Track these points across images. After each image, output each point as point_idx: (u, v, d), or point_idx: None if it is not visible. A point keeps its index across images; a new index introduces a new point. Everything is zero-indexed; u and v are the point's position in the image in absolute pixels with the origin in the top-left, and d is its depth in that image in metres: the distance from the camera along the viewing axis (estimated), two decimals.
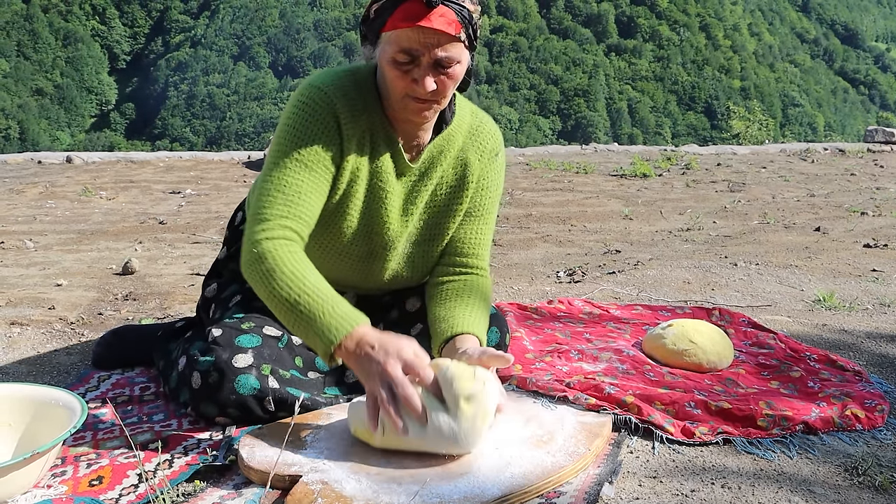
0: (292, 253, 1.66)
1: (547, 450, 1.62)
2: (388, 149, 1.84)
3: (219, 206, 6.30)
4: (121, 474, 1.59)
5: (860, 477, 1.63)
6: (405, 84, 1.68)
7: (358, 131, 1.79)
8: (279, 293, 1.62)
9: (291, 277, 1.62)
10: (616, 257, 4.09)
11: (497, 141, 1.97)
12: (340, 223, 1.84)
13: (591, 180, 7.94)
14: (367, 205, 1.85)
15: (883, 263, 3.87)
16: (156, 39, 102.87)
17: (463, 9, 1.64)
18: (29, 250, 4.40)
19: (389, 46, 1.66)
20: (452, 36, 1.64)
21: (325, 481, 1.49)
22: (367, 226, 1.87)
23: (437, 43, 1.63)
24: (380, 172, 1.84)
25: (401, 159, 1.85)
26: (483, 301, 1.92)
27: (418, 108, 1.72)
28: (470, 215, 1.96)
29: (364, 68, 1.82)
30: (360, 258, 1.91)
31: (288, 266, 1.63)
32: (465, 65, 1.71)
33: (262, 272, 1.64)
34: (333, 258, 1.90)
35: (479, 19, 1.71)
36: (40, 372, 2.28)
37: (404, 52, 1.64)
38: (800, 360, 2.29)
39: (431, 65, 1.66)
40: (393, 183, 1.86)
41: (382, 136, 1.82)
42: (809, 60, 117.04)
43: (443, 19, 1.61)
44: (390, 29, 1.64)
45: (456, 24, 1.63)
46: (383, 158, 1.83)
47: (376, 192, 1.85)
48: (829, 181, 7.90)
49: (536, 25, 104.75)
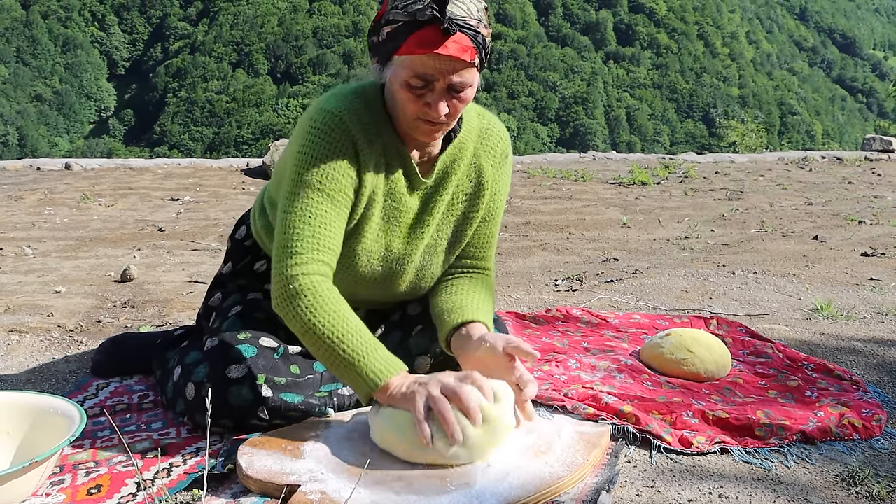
0: (330, 290, 1.68)
1: (545, 460, 1.62)
2: (401, 167, 1.83)
3: (217, 214, 6.30)
4: (119, 483, 1.59)
5: (857, 486, 1.64)
6: (417, 107, 1.68)
7: (374, 155, 1.78)
8: (320, 331, 1.63)
9: (333, 316, 1.64)
10: (614, 266, 4.10)
11: (506, 143, 1.98)
12: (356, 246, 1.83)
13: (589, 188, 7.95)
14: (383, 225, 1.85)
15: (880, 272, 3.88)
16: (155, 46, 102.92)
17: (478, 34, 1.64)
18: (27, 257, 4.41)
19: (403, 70, 1.65)
20: (467, 62, 1.64)
21: (323, 491, 1.49)
22: (384, 245, 1.87)
23: (452, 69, 1.63)
24: (394, 192, 1.84)
25: (414, 176, 1.85)
26: (489, 296, 1.95)
27: (429, 129, 1.72)
28: (484, 220, 1.97)
29: (370, 87, 1.81)
30: (378, 276, 1.91)
31: (329, 304, 1.65)
32: (475, 87, 1.72)
33: (302, 308, 1.65)
34: (350, 278, 1.89)
35: (491, 42, 1.71)
36: (39, 380, 2.28)
37: (419, 77, 1.64)
38: (797, 370, 2.30)
39: (445, 90, 1.66)
40: (407, 200, 1.86)
41: (395, 156, 1.82)
42: (807, 68, 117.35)
43: (458, 46, 1.61)
44: (405, 53, 1.63)
45: (471, 51, 1.64)
46: (397, 178, 1.83)
47: (391, 212, 1.85)
48: (827, 189, 7.91)
49: (535, 33, 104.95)
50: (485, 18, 1.68)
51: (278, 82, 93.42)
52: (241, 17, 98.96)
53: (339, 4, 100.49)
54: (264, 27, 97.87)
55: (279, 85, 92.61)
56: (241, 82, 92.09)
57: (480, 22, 1.66)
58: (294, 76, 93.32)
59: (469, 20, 1.62)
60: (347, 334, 1.63)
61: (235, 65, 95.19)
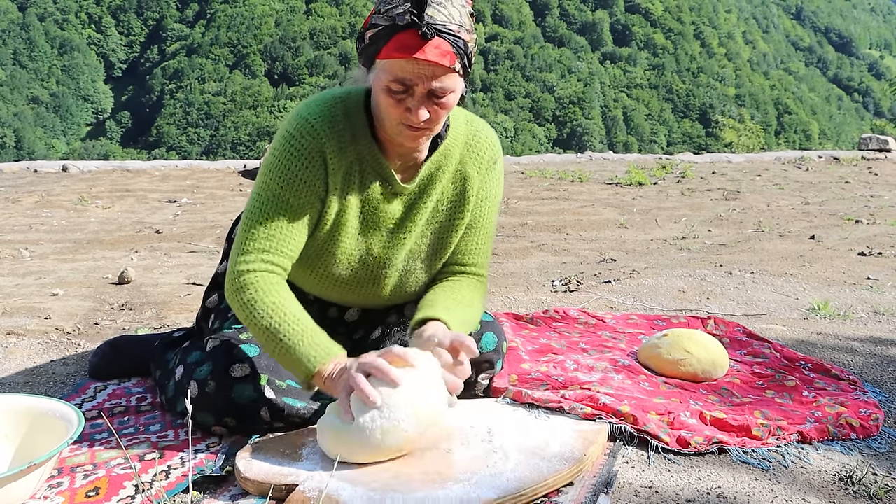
0: (272, 284, 1.75)
1: (542, 455, 1.64)
2: (377, 175, 1.84)
3: (215, 216, 6.30)
4: (117, 485, 1.59)
5: (855, 486, 1.64)
6: (399, 112, 1.68)
7: (345, 163, 1.80)
8: (260, 322, 1.71)
9: (272, 307, 1.71)
10: (611, 266, 4.10)
11: (495, 149, 1.97)
12: (334, 249, 1.86)
13: (586, 189, 7.96)
14: (362, 229, 1.87)
15: (877, 271, 3.88)
16: (151, 48, 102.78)
17: (458, 39, 1.64)
18: (25, 259, 4.40)
19: (384, 74, 1.66)
20: (447, 67, 1.64)
21: (321, 490, 1.49)
22: (364, 249, 1.88)
23: (431, 75, 1.63)
24: (370, 199, 1.85)
25: (393, 182, 1.85)
26: (472, 297, 1.94)
27: (412, 135, 1.72)
28: (470, 227, 1.96)
29: (355, 93, 1.82)
30: (360, 279, 1.93)
31: (269, 297, 1.72)
32: (458, 93, 1.72)
33: (244, 302, 1.73)
34: (333, 283, 1.92)
35: (474, 47, 1.70)
36: (36, 382, 2.28)
37: (398, 81, 1.64)
38: (795, 369, 2.30)
39: (425, 95, 1.66)
40: (385, 207, 1.86)
41: (371, 163, 1.83)
42: (804, 68, 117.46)
43: (437, 51, 1.61)
44: (385, 57, 1.64)
45: (451, 56, 1.63)
46: (373, 185, 1.84)
47: (369, 217, 1.86)
48: (824, 189, 7.92)
49: (531, 34, 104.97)
50: (468, 24, 1.67)
51: (275, 84, 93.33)
52: (238, 18, 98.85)
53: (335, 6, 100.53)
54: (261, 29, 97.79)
55: (276, 87, 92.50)
56: (238, 84, 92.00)
57: (462, 27, 1.65)
58: (291, 78, 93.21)
59: (449, 25, 1.62)
60: (285, 323, 1.69)
61: (232, 66, 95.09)
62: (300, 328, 1.69)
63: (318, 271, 1.89)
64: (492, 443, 1.71)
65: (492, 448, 1.68)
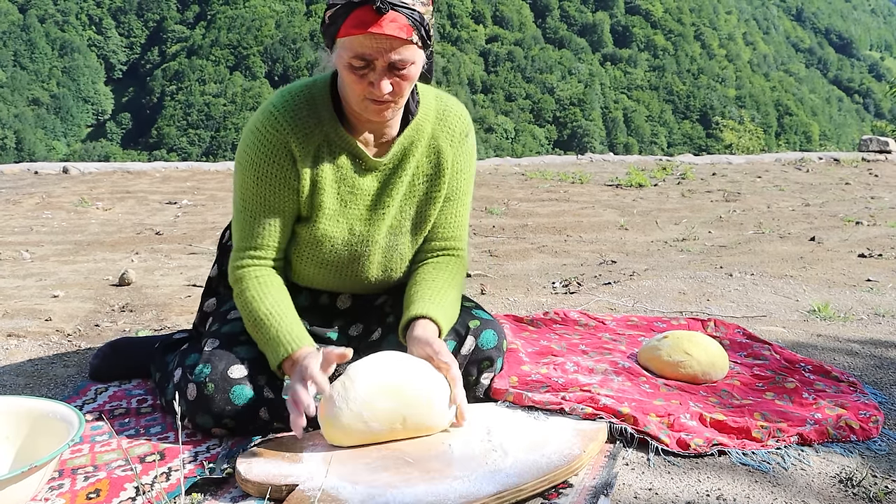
0: (258, 277, 1.90)
1: (542, 452, 1.66)
2: (346, 152, 1.90)
3: (215, 217, 6.30)
4: (118, 487, 1.60)
5: (854, 488, 1.64)
6: (362, 87, 1.74)
7: (311, 148, 1.87)
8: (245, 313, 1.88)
9: (258, 299, 1.86)
10: (612, 268, 4.10)
11: (465, 122, 2.02)
12: (316, 232, 1.92)
13: (586, 190, 7.96)
14: (341, 209, 1.92)
15: (877, 273, 3.88)
16: (152, 49, 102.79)
17: (414, 12, 1.69)
18: (25, 261, 4.40)
19: (344, 52, 1.72)
20: (405, 40, 1.69)
21: (321, 488, 1.50)
22: (346, 228, 1.93)
23: (389, 48, 1.69)
24: (345, 178, 1.91)
25: (364, 157, 1.90)
26: (453, 278, 1.99)
27: (377, 109, 1.78)
28: (448, 199, 2.02)
29: (322, 79, 1.90)
30: (345, 260, 1.97)
31: (253, 290, 1.88)
32: (419, 64, 1.77)
33: (236, 294, 1.91)
34: (320, 265, 1.98)
35: (431, 19, 1.76)
36: (37, 384, 2.28)
37: (358, 57, 1.70)
38: (794, 371, 2.30)
39: (386, 68, 1.72)
40: (360, 183, 1.92)
41: (339, 143, 1.89)
42: (804, 69, 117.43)
43: (394, 24, 1.67)
44: (344, 35, 1.70)
45: (407, 28, 1.69)
46: (344, 163, 1.90)
47: (346, 196, 1.92)
48: (824, 190, 7.92)
49: (532, 35, 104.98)
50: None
51: (276, 85, 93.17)
52: (239, 20, 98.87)
53: None
54: (261, 30, 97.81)
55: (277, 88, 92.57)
56: (238, 85, 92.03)
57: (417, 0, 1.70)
58: (291, 79, 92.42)
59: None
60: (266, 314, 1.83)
61: (233, 68, 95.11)
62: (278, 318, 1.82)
63: (303, 256, 1.97)
64: (491, 441, 1.73)
65: (491, 447, 1.70)
